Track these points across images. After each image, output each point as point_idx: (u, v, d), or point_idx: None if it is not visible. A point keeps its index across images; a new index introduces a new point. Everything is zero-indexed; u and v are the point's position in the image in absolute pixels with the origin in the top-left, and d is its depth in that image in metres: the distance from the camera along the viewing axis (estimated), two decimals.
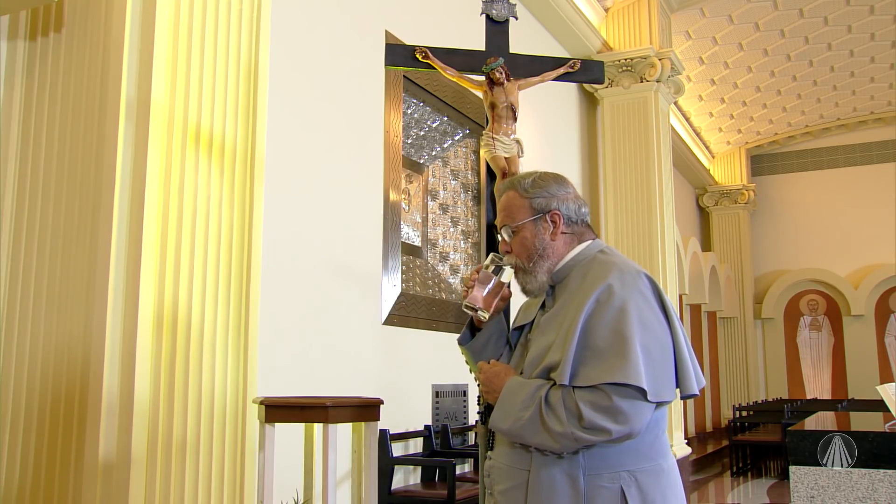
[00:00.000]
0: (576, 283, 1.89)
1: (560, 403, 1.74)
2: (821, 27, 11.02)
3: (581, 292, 1.84)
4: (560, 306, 1.90)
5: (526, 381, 1.84)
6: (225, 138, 3.12)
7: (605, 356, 1.73)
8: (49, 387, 2.87)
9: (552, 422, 1.74)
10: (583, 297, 1.82)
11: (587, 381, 1.73)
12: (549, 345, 1.84)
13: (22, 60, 3.23)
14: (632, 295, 1.79)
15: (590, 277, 1.86)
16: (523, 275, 1.96)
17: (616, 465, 1.78)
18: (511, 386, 1.85)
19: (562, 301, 1.91)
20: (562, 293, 1.93)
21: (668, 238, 9.21)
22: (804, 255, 15.47)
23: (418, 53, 2.96)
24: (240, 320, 3.09)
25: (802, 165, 15.74)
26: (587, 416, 1.70)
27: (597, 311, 1.78)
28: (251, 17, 3.32)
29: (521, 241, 1.95)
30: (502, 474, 1.88)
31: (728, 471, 10.56)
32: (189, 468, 2.81)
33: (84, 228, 2.92)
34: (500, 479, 1.88)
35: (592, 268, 1.89)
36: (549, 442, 1.75)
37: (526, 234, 1.94)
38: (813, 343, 15.40)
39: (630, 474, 1.78)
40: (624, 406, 1.70)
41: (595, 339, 1.76)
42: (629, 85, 9.37)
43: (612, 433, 1.71)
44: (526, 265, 1.94)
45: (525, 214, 1.95)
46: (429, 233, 6.41)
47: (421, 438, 5.64)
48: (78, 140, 3.02)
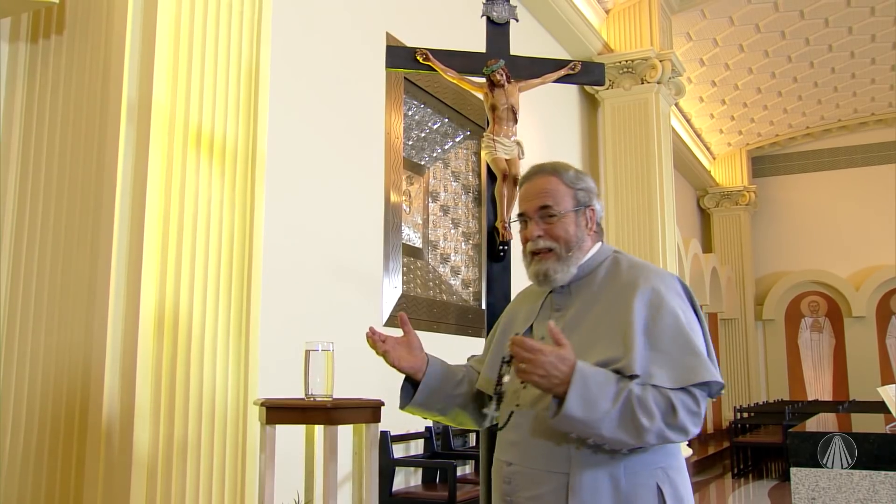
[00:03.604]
0: (603, 282, 1.90)
1: (651, 400, 1.70)
2: (822, 28, 11.02)
3: (617, 292, 1.84)
4: (587, 305, 1.88)
5: (598, 370, 1.72)
6: (226, 140, 3.12)
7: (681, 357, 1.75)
8: (51, 389, 2.87)
9: (643, 417, 1.68)
10: (625, 298, 1.81)
11: (675, 383, 1.73)
12: (592, 344, 1.80)
13: (23, 63, 3.23)
14: (675, 298, 1.83)
15: (623, 278, 1.87)
16: (556, 262, 1.90)
17: (651, 462, 1.79)
18: (586, 373, 1.69)
19: (585, 300, 1.89)
20: (581, 291, 1.91)
21: (669, 239, 9.21)
22: (805, 256, 15.47)
23: (419, 55, 2.96)
24: (240, 322, 3.09)
25: (803, 167, 15.74)
26: (681, 416, 1.70)
27: (654, 315, 1.79)
28: (252, 19, 3.32)
29: (563, 227, 1.91)
30: (530, 480, 1.80)
31: (729, 472, 10.56)
32: (190, 470, 2.81)
33: (85, 230, 2.92)
34: (528, 484, 1.80)
35: (620, 269, 1.91)
36: (627, 437, 1.70)
37: (568, 223, 1.92)
38: (814, 344, 15.40)
39: (663, 471, 1.80)
40: (703, 409, 1.74)
41: (663, 342, 1.76)
42: (630, 86, 9.37)
43: (690, 435, 1.74)
44: (563, 253, 1.90)
45: (569, 204, 1.93)
46: (430, 234, 6.41)
47: (422, 440, 5.64)
48: (79, 142, 3.03)
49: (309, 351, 2.64)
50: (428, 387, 1.99)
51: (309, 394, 2.62)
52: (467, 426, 2.13)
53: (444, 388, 2.01)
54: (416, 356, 2.00)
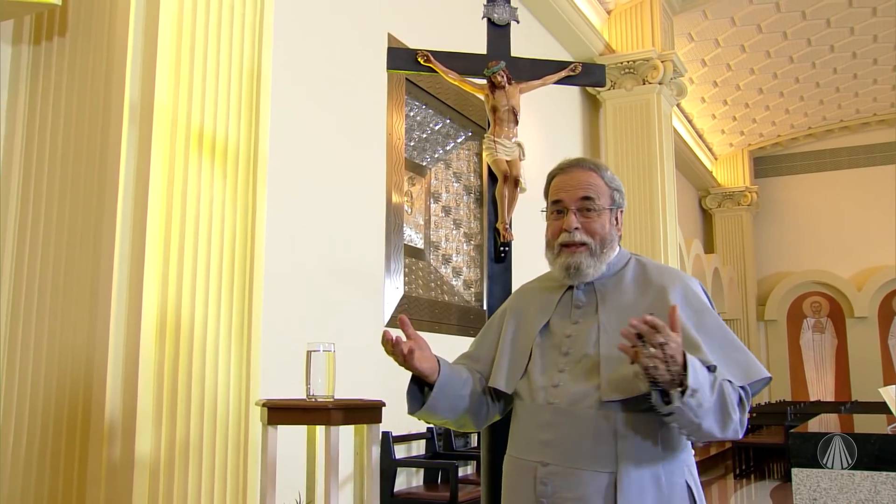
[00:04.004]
0: (634, 284, 1.92)
1: (733, 393, 1.74)
2: (823, 29, 11.02)
3: (656, 294, 1.87)
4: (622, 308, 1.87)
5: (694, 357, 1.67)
6: (228, 142, 3.13)
7: (734, 355, 1.81)
8: (53, 390, 2.88)
9: (731, 410, 1.71)
10: (666, 300, 1.83)
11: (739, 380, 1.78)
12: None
13: (26, 65, 3.24)
14: (707, 300, 1.89)
15: (656, 280, 1.90)
16: (589, 257, 1.89)
17: (681, 461, 1.83)
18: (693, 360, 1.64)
19: (618, 302, 1.89)
20: (609, 291, 1.92)
21: (671, 240, 9.22)
22: (807, 257, 15.46)
23: (420, 57, 2.97)
24: (242, 323, 3.10)
25: (805, 167, 15.74)
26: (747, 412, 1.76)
27: (699, 316, 1.84)
28: (253, 21, 3.33)
29: (600, 223, 1.91)
30: (573, 480, 1.77)
31: (731, 473, 10.56)
32: (192, 471, 2.82)
33: (88, 231, 2.93)
34: (570, 485, 1.77)
35: (648, 271, 1.94)
36: (716, 429, 1.70)
37: (605, 220, 1.92)
38: (816, 345, 15.39)
39: (688, 469, 1.85)
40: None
41: (715, 341, 1.81)
42: (631, 87, 9.38)
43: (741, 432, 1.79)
44: (597, 250, 1.90)
45: (607, 202, 1.94)
46: (431, 235, 6.42)
47: (423, 440, 5.65)
48: (82, 144, 3.04)
49: (310, 352, 2.65)
50: (441, 388, 1.90)
51: (310, 394, 2.63)
52: (467, 429, 2.08)
53: (454, 388, 1.94)
54: (430, 357, 1.90)
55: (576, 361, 1.85)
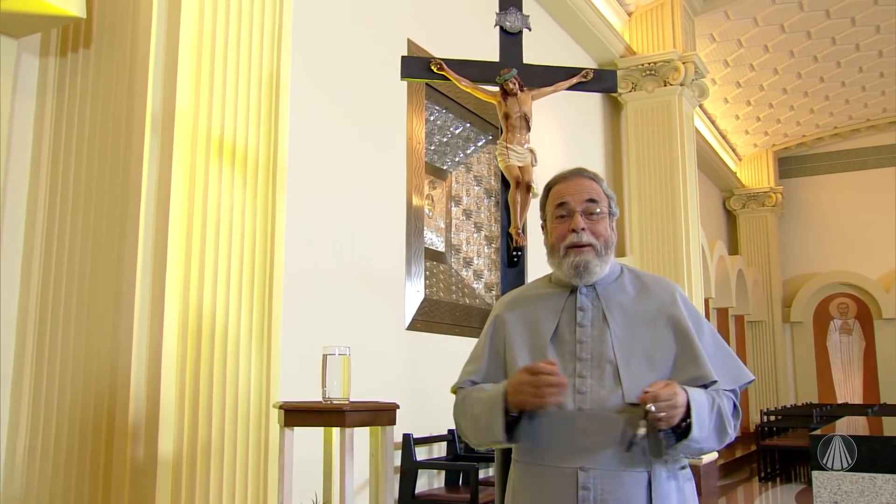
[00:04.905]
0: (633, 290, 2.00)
1: (727, 407, 1.90)
2: (848, 28, 10.92)
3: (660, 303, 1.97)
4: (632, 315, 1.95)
5: (695, 389, 1.84)
6: (247, 149, 3.20)
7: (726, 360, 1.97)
8: (80, 393, 2.95)
9: (728, 425, 1.89)
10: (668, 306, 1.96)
11: (730, 384, 1.94)
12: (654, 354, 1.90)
13: (53, 75, 3.33)
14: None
15: (654, 288, 2.01)
16: (595, 257, 1.96)
17: (683, 460, 1.95)
18: (694, 397, 1.81)
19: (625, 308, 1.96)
20: (611, 295, 1.98)
21: (693, 242, 9.18)
22: (833, 257, 15.29)
23: (433, 65, 3.02)
24: (263, 327, 3.17)
25: (831, 167, 15.57)
26: (739, 417, 1.93)
27: (696, 323, 1.96)
28: (272, 31, 3.40)
29: (604, 226, 1.99)
30: (613, 481, 1.82)
31: (756, 476, 10.48)
32: (214, 472, 2.88)
33: (112, 237, 3.01)
34: (612, 486, 1.82)
35: (642, 278, 2.04)
36: (716, 444, 1.90)
37: (607, 224, 2.01)
38: (843, 347, 15.21)
39: (688, 467, 1.98)
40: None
41: (709, 347, 1.94)
42: (653, 89, 9.36)
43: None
44: (602, 252, 1.97)
45: (606, 208, 2.02)
46: (452, 238, 6.46)
47: (444, 443, 5.69)
48: (106, 152, 3.12)
49: (326, 355, 2.70)
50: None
51: (326, 397, 2.68)
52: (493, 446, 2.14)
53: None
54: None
55: (594, 366, 1.89)
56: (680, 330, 1.92)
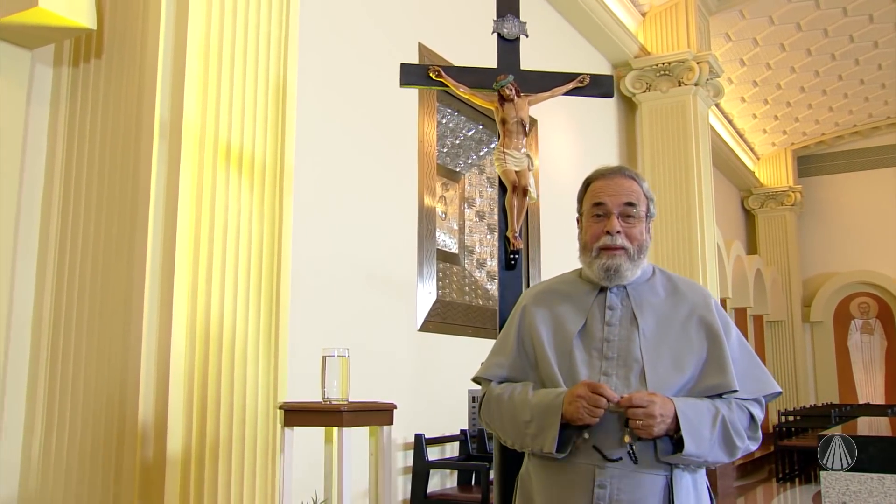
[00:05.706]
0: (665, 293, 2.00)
1: (738, 419, 1.87)
2: (866, 25, 10.84)
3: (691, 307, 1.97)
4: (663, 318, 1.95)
5: (689, 400, 1.84)
6: (254, 155, 3.27)
7: (752, 370, 1.95)
8: (92, 394, 3.03)
9: (736, 438, 1.86)
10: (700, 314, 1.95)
11: (752, 395, 1.93)
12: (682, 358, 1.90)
13: (66, 85, 3.42)
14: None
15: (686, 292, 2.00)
16: (627, 261, 1.95)
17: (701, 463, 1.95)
18: (686, 409, 1.80)
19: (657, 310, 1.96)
20: (642, 297, 1.97)
21: (709, 241, 9.16)
22: (853, 257, 15.15)
23: (432, 72, 3.07)
24: (270, 329, 3.23)
25: (850, 166, 15.42)
26: (759, 428, 1.91)
27: (726, 330, 1.95)
28: (279, 38, 3.47)
29: (639, 230, 1.98)
30: (632, 482, 1.82)
31: (774, 477, 10.43)
32: (222, 471, 2.95)
33: (122, 242, 3.08)
34: (630, 487, 1.82)
35: (675, 281, 2.03)
36: (725, 457, 1.87)
37: (643, 227, 1.99)
38: (865, 347, 15.07)
39: (704, 469, 1.97)
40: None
41: (735, 355, 1.94)
42: (667, 89, 9.35)
43: (759, 443, 1.93)
44: (635, 255, 1.97)
45: (644, 210, 2.01)
46: (466, 240, 6.50)
47: (457, 443, 5.74)
48: (116, 157, 3.20)
49: (325, 357, 2.76)
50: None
51: (325, 397, 2.74)
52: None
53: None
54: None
55: (620, 366, 1.90)
56: (712, 334, 1.92)
